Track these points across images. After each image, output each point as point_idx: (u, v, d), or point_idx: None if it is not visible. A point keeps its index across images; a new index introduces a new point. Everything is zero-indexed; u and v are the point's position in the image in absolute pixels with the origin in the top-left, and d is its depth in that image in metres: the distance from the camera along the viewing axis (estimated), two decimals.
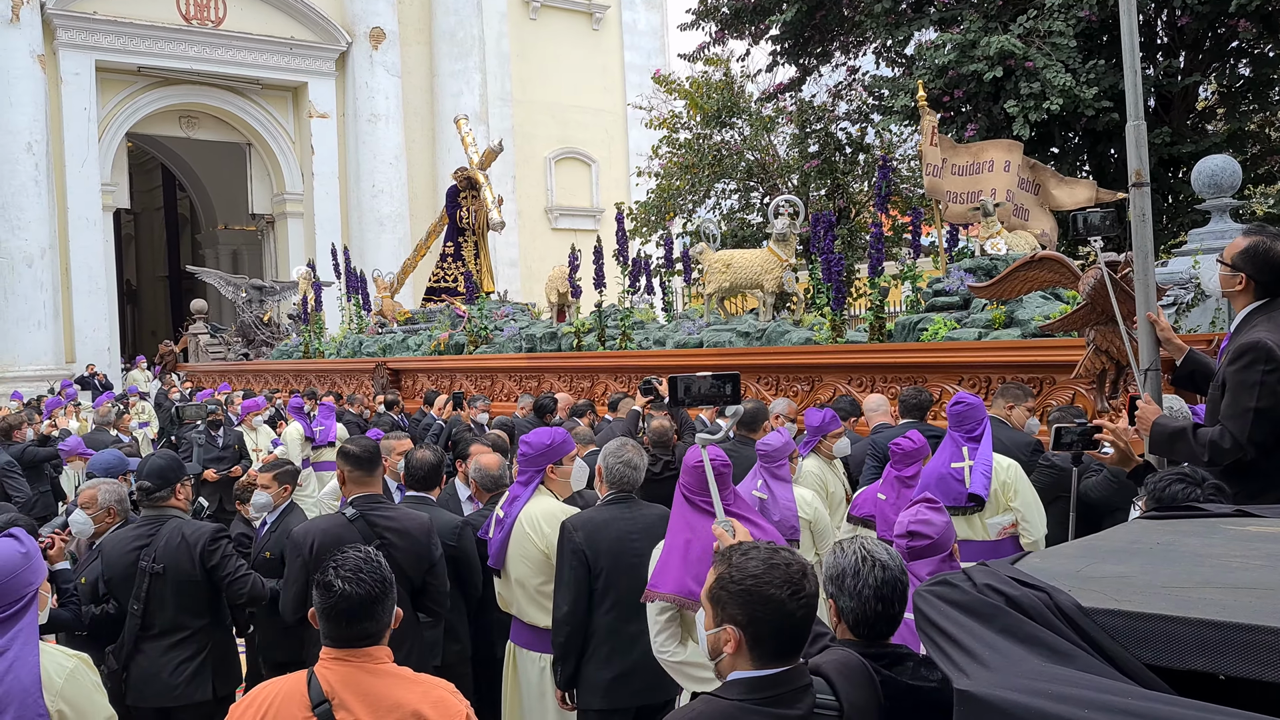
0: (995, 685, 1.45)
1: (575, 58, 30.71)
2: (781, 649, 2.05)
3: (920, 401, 6.25)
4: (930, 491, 4.88)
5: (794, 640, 2.06)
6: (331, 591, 2.45)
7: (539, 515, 4.09)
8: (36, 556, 2.88)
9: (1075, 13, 11.43)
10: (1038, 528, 4.84)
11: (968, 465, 4.89)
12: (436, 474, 4.69)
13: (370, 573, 2.50)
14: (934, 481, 4.91)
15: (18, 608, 2.69)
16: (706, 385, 2.96)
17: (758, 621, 2.04)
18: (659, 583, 3.39)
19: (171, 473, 4.35)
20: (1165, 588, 1.65)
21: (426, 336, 14.49)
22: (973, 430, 4.97)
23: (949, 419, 5.07)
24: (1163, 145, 11.84)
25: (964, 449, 4.93)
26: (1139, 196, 3.62)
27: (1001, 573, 1.69)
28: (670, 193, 17.73)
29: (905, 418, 6.22)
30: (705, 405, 2.96)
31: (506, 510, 4.22)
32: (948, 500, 4.84)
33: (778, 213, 9.33)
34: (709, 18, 15.38)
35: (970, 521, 4.90)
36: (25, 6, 21.57)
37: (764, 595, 2.03)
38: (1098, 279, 5.01)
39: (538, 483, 4.22)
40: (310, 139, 26.07)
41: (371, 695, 2.38)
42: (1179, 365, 3.73)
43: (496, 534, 4.22)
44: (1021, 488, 4.87)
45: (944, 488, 4.84)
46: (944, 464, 4.97)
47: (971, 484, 4.85)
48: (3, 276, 21.26)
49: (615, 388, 10.19)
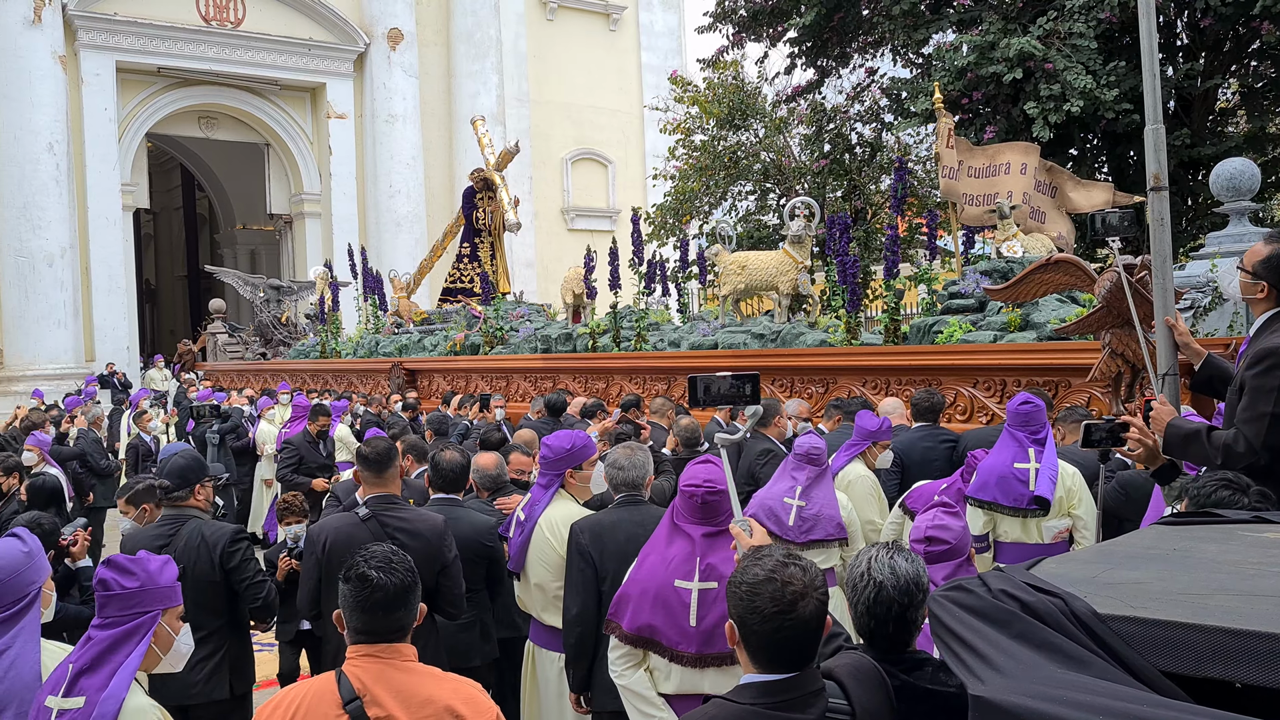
0: (1010, 691, 1.45)
1: (592, 58, 30.74)
2: (773, 660, 2.06)
3: (933, 404, 6.20)
4: (991, 491, 4.83)
5: (785, 654, 2.06)
6: (367, 582, 2.43)
7: (558, 520, 4.10)
8: (39, 555, 2.90)
9: (1096, 14, 11.36)
10: (1094, 537, 4.78)
11: (1033, 468, 4.76)
12: (465, 475, 4.68)
13: (400, 562, 2.51)
14: (995, 481, 4.80)
15: (20, 606, 2.70)
16: (726, 385, 2.96)
17: (746, 628, 2.07)
18: (618, 614, 3.36)
19: (192, 473, 4.37)
20: (1182, 594, 1.64)
21: (443, 337, 14.54)
22: (1037, 432, 4.86)
23: (1011, 418, 4.94)
24: (1182, 147, 11.76)
25: (1029, 450, 4.81)
26: (1157, 200, 3.60)
27: (1016, 578, 1.68)
28: (686, 195, 17.72)
29: (919, 421, 6.18)
30: (724, 405, 2.96)
31: (527, 513, 4.24)
32: (1008, 501, 4.75)
33: (793, 214, 9.32)
34: (726, 20, 15.36)
35: (1025, 524, 4.82)
36: (47, 8, 21.75)
37: (752, 606, 2.05)
38: (1114, 282, 4.98)
39: (557, 486, 4.23)
40: (328, 139, 26.18)
41: (404, 691, 2.35)
42: (1197, 370, 3.71)
43: (516, 536, 4.23)
44: (1084, 496, 4.77)
45: (1005, 488, 4.75)
46: (1006, 464, 4.83)
47: (1038, 487, 4.72)
48: (23, 276, 21.42)
49: (630, 388, 10.20)
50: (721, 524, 3.26)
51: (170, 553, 4.15)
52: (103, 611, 2.62)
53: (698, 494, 3.26)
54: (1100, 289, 5.29)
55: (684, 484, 3.31)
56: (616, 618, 3.35)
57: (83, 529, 4.50)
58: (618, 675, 3.35)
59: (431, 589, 4.06)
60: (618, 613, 3.35)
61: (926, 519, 3.38)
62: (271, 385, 16.00)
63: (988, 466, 4.91)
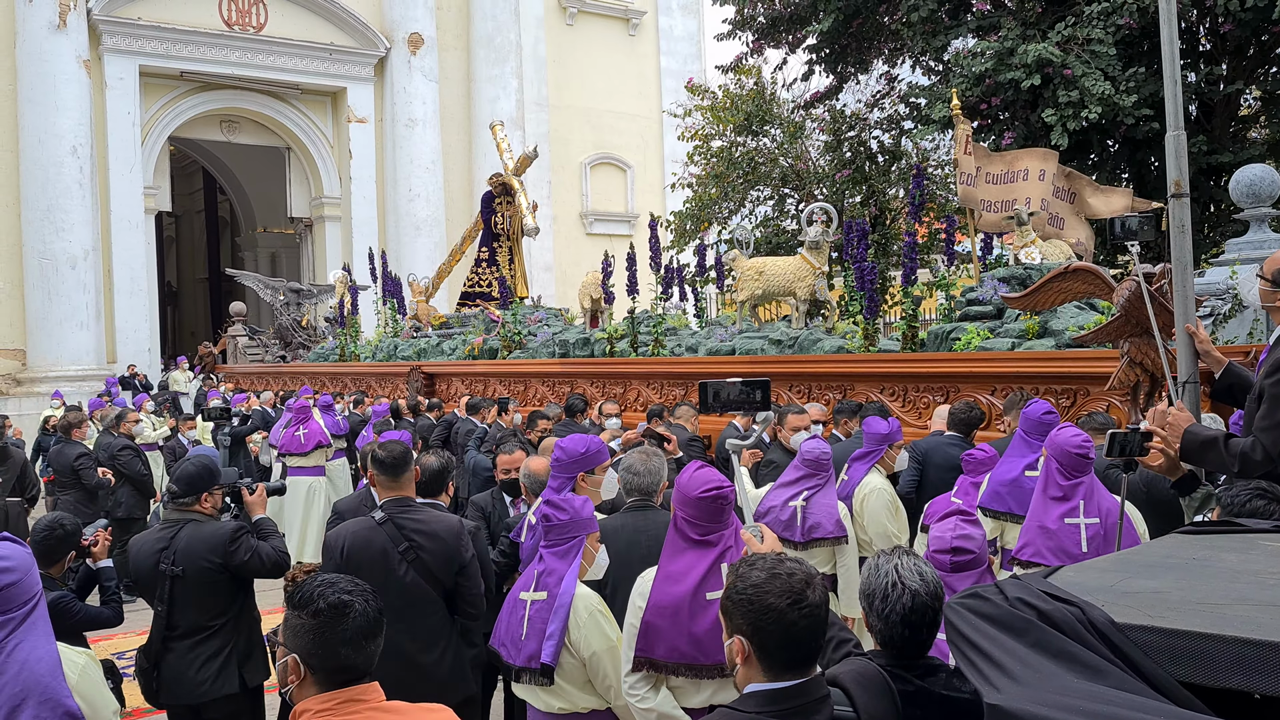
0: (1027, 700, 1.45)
1: (611, 63, 30.79)
2: (790, 660, 2.05)
3: (969, 418, 6.14)
4: (1005, 501, 4.78)
5: (802, 650, 2.06)
6: (349, 612, 2.21)
7: None
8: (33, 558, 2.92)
9: (1115, 20, 11.30)
10: None
11: None
12: (442, 478, 4.65)
13: (365, 587, 2.33)
14: (1007, 490, 4.79)
15: (29, 606, 2.72)
16: (735, 391, 2.95)
17: (762, 631, 2.05)
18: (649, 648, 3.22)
19: (201, 481, 4.40)
20: (1201, 604, 1.63)
21: (461, 341, 14.58)
22: None
23: (1028, 424, 4.93)
24: (1202, 154, 11.68)
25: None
26: (1178, 207, 3.58)
27: (1034, 586, 1.68)
28: (705, 200, 17.70)
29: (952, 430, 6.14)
30: (734, 411, 2.96)
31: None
32: (1023, 509, 4.73)
33: (811, 220, 9.31)
34: (746, 27, 15.36)
35: None
36: (72, 13, 21.94)
37: (765, 605, 2.05)
38: (1133, 291, 4.96)
39: (569, 490, 4.24)
40: (348, 143, 26.31)
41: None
42: (1218, 378, 3.69)
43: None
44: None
45: (1018, 496, 4.73)
46: (1018, 471, 4.82)
47: None
48: (47, 278, 21.60)
49: (647, 393, 10.20)
50: (732, 523, 3.25)
51: (170, 554, 4.20)
52: (547, 537, 3.58)
53: (713, 497, 3.20)
54: (1119, 297, 5.27)
55: (697, 492, 3.21)
56: (648, 652, 3.21)
57: (104, 529, 4.54)
58: (639, 699, 3.23)
59: (450, 590, 4.09)
60: (649, 647, 3.21)
61: (947, 528, 3.35)
62: (292, 388, 16.09)
63: (999, 476, 4.88)
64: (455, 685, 4.09)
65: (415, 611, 4.01)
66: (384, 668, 3.91)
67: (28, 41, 21.63)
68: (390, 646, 3.91)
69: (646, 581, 3.31)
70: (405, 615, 3.98)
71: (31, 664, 2.66)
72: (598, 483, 4.30)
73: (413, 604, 4.00)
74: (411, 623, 4.00)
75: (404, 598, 3.97)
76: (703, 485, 3.22)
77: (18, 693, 2.63)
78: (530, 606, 3.51)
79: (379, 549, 4.00)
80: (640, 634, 3.22)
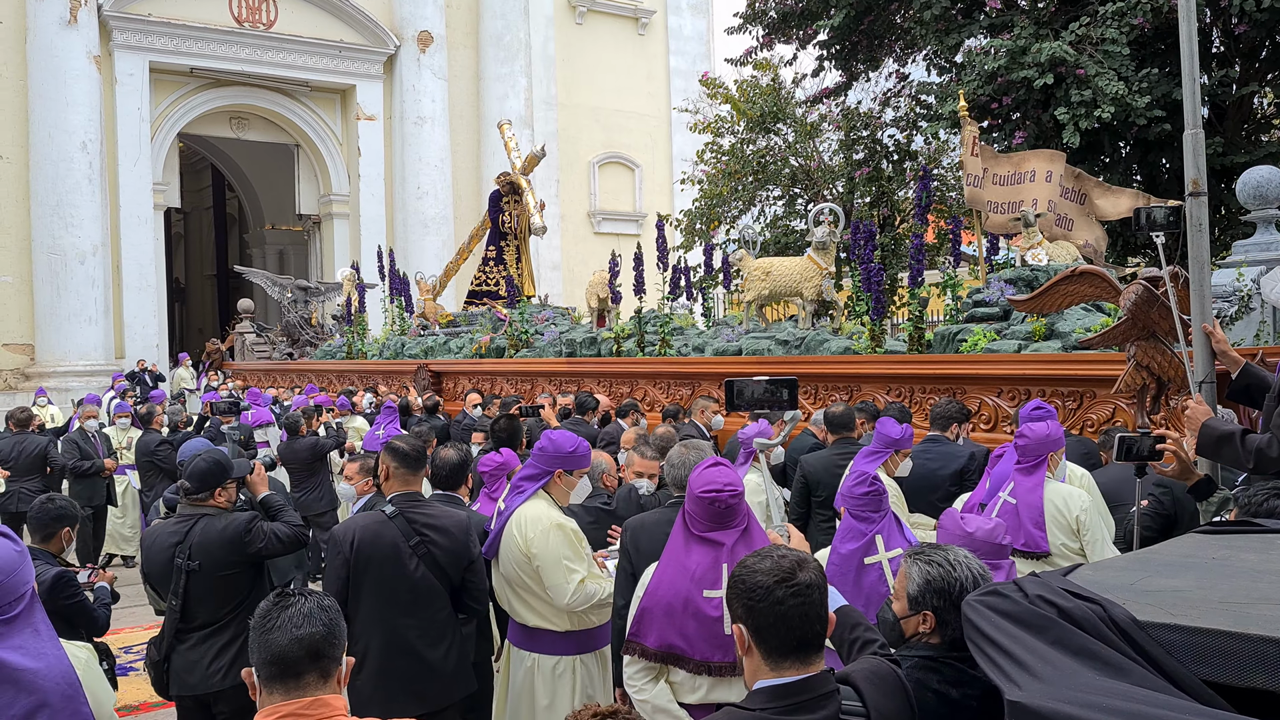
0: (1048, 697, 1.43)
1: (620, 62, 30.78)
2: (784, 644, 2.05)
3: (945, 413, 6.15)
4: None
5: (795, 633, 2.05)
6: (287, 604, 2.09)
7: (526, 517, 4.12)
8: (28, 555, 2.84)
9: (1129, 20, 11.25)
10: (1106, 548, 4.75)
11: None
12: (461, 472, 4.68)
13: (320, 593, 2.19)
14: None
15: (23, 605, 2.67)
16: (760, 390, 2.92)
17: (756, 613, 2.08)
18: (640, 633, 3.25)
19: (212, 477, 4.41)
20: (1223, 603, 1.61)
21: (468, 339, 14.58)
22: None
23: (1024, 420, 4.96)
24: (1215, 155, 11.62)
25: None
26: (1195, 205, 3.56)
27: (1054, 584, 1.66)
28: (715, 199, 17.67)
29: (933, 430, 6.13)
30: (760, 410, 2.92)
31: (507, 504, 4.26)
32: None
33: (818, 220, 9.30)
34: (756, 22, 15.33)
35: None
36: (82, 9, 21.99)
37: (754, 583, 2.10)
38: (1139, 294, 4.93)
39: (542, 484, 4.23)
40: (357, 141, 26.34)
41: None
42: (1235, 379, 3.66)
43: (498, 523, 4.26)
44: (1096, 500, 4.77)
45: None
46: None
47: None
48: (56, 273, 21.65)
49: (654, 393, 10.19)
50: (740, 524, 3.19)
51: (185, 548, 4.20)
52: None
53: (721, 498, 3.15)
54: (1125, 301, 5.24)
55: (703, 490, 3.16)
56: (639, 637, 3.24)
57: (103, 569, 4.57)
58: (636, 690, 3.25)
59: (457, 586, 4.09)
60: (640, 631, 3.24)
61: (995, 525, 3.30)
62: (300, 385, 16.11)
63: (998, 472, 4.90)
64: (460, 681, 4.09)
65: (424, 606, 4.01)
66: (393, 663, 3.95)
67: (38, 37, 21.68)
68: (399, 641, 3.94)
69: (653, 568, 3.34)
70: (414, 610, 3.98)
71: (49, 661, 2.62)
72: (572, 484, 4.29)
73: (421, 599, 4.00)
74: (420, 617, 3.99)
75: (413, 592, 3.97)
76: (704, 485, 3.17)
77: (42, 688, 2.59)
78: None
79: (389, 543, 3.99)
80: (635, 618, 3.28)
